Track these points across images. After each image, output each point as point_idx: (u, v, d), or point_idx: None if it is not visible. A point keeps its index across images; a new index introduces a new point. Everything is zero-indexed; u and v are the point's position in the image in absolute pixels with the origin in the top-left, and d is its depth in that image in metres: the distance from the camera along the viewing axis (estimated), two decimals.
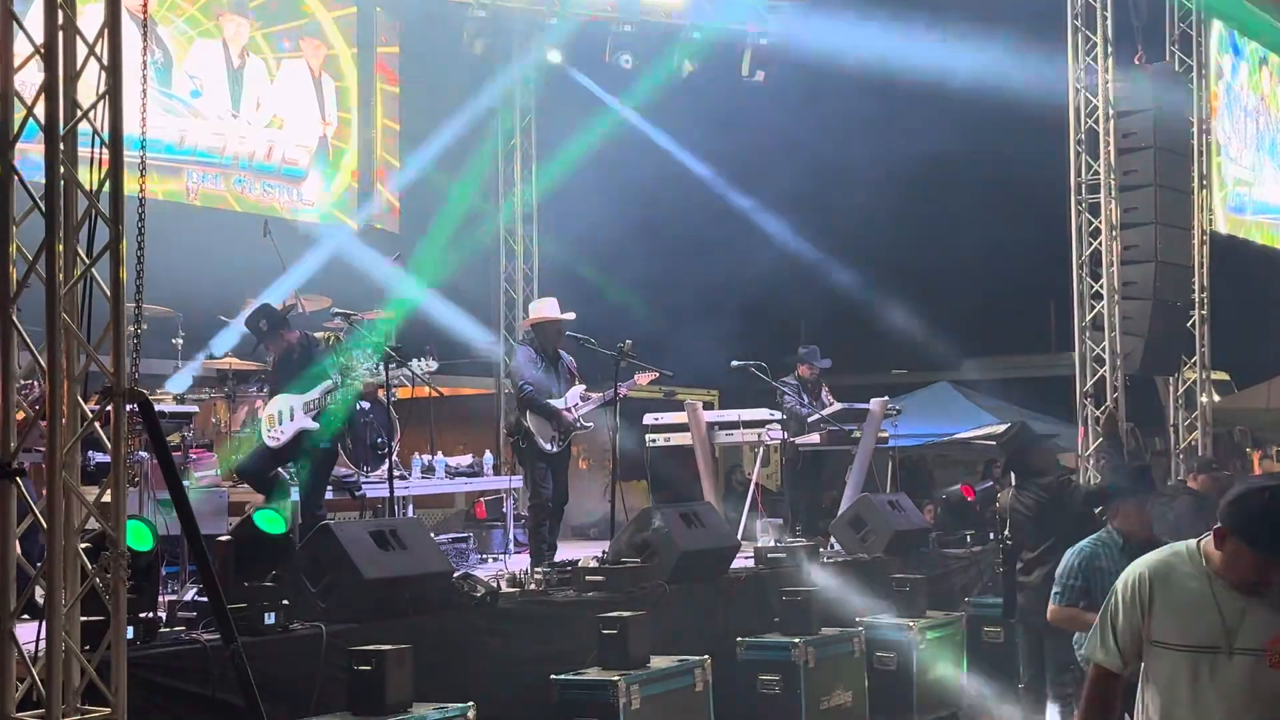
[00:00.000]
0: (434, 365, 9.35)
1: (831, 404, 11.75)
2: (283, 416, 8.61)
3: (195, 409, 8.66)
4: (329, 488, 9.62)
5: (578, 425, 9.55)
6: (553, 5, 14.49)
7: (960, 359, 19.78)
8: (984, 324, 14.33)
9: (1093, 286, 13.05)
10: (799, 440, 11.38)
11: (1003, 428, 12.37)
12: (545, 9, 14.51)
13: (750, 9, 14.31)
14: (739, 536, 9.81)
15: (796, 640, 7.96)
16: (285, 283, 10.40)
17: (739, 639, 8.09)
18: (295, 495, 8.68)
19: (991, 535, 11.04)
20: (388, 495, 9.16)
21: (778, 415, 11.31)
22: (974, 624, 9.54)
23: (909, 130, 15.92)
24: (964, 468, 15.72)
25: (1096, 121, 13.00)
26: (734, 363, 11.39)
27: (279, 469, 8.70)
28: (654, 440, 11.72)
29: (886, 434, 11.85)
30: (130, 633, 5.07)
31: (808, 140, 15.24)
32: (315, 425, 8.66)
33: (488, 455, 11.64)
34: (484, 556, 10.56)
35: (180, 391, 9.69)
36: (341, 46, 14.32)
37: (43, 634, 4.66)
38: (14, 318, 4.68)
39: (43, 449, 5.63)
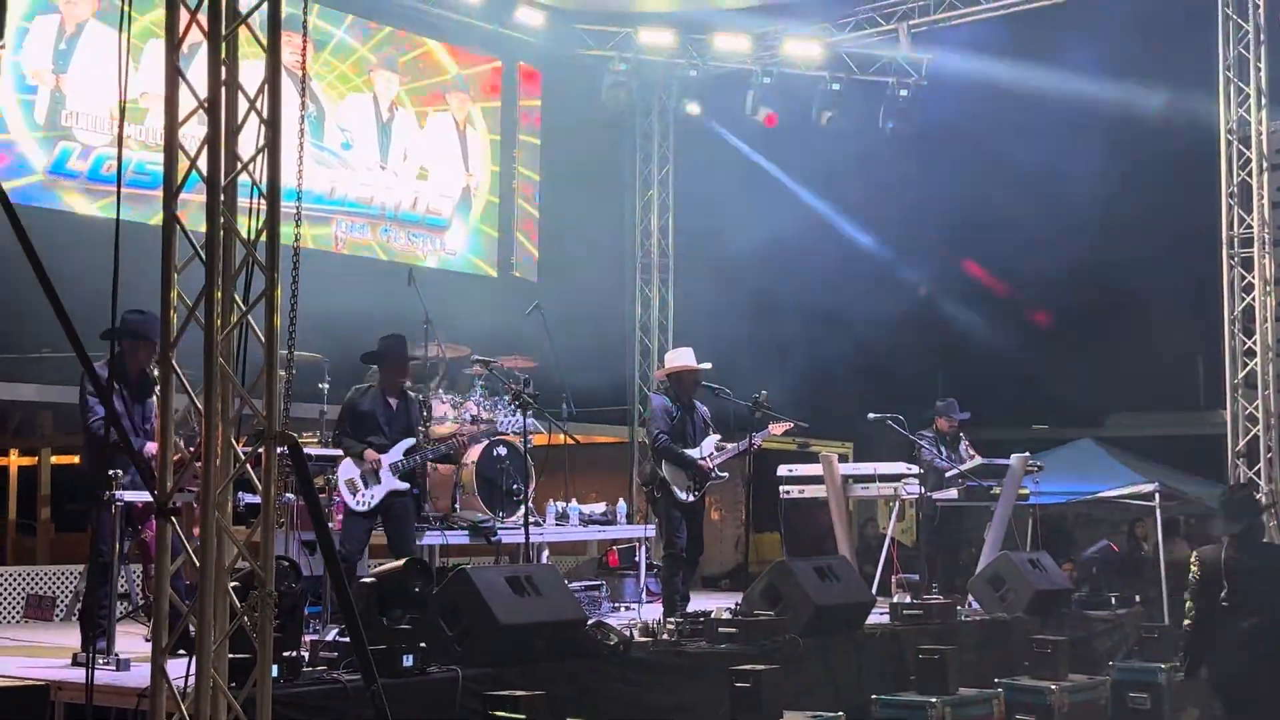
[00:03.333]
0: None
1: (973, 457, 11.53)
2: (366, 480, 8.56)
3: (340, 452, 8.83)
4: (465, 533, 9.76)
5: (713, 475, 9.53)
6: (692, 57, 14.63)
7: (1103, 415, 19.25)
8: (1129, 380, 13.96)
9: (1245, 343, 12.64)
10: (936, 495, 11.19)
11: (1149, 486, 12.06)
12: (685, 61, 14.67)
13: (890, 62, 14.27)
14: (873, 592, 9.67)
15: (933, 700, 7.80)
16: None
17: (874, 696, 7.96)
18: None
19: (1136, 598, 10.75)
20: (523, 541, 9.24)
21: (914, 469, 11.14)
22: (1119, 689, 9.23)
23: (1051, 180, 15.64)
24: (1107, 527, 15.27)
25: (1250, 174, 12.64)
26: (871, 415, 11.26)
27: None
28: (788, 492, 11.63)
29: (1027, 491, 11.58)
30: (275, 671, 5.18)
31: (947, 191, 15.09)
32: (405, 485, 8.63)
33: (621, 503, 11.67)
34: (616, 605, 10.57)
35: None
36: (485, 100, 14.64)
37: (192, 669, 4.80)
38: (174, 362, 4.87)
39: (194, 489, 5.83)
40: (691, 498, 9.40)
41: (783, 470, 11.65)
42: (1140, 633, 10.15)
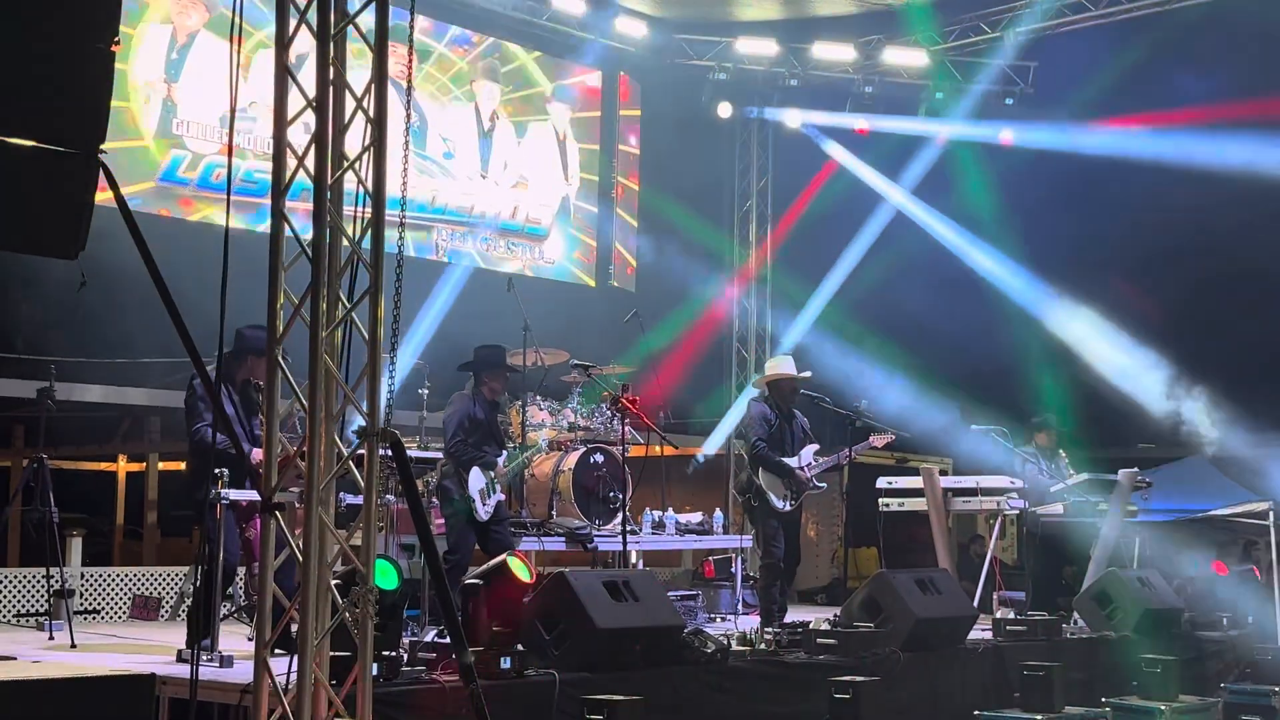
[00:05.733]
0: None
1: (1070, 474, 11.27)
2: (491, 489, 8.72)
3: (439, 455, 8.89)
4: (561, 540, 9.77)
5: (810, 485, 9.43)
6: (792, 67, 14.56)
7: (1215, 435, 18.68)
8: (1242, 399, 13.54)
9: None
10: (1040, 510, 10.95)
11: (1263, 505, 11.66)
12: (785, 70, 14.59)
13: (998, 70, 14.06)
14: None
15: (1038, 718, 7.61)
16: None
17: (976, 713, 7.78)
18: None
19: (1249, 619, 10.41)
20: (620, 549, 9.21)
21: (1018, 483, 10.91)
22: (1231, 711, 8.94)
23: (1164, 199, 15.24)
24: (1218, 548, 14.83)
25: None
26: (974, 427, 11.06)
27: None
28: (887, 505, 11.45)
29: (1135, 508, 11.28)
30: (374, 669, 5.20)
31: (1055, 205, 14.77)
32: (503, 496, 8.88)
33: (718, 514, 11.60)
34: (712, 616, 10.49)
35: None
36: (585, 110, 14.70)
37: (293, 666, 4.83)
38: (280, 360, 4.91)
39: (295, 489, 5.88)
40: (789, 506, 9.31)
41: (882, 483, 11.47)
42: (1253, 654, 9.83)
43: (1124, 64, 13.21)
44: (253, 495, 6.49)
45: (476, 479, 8.64)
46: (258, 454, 7.00)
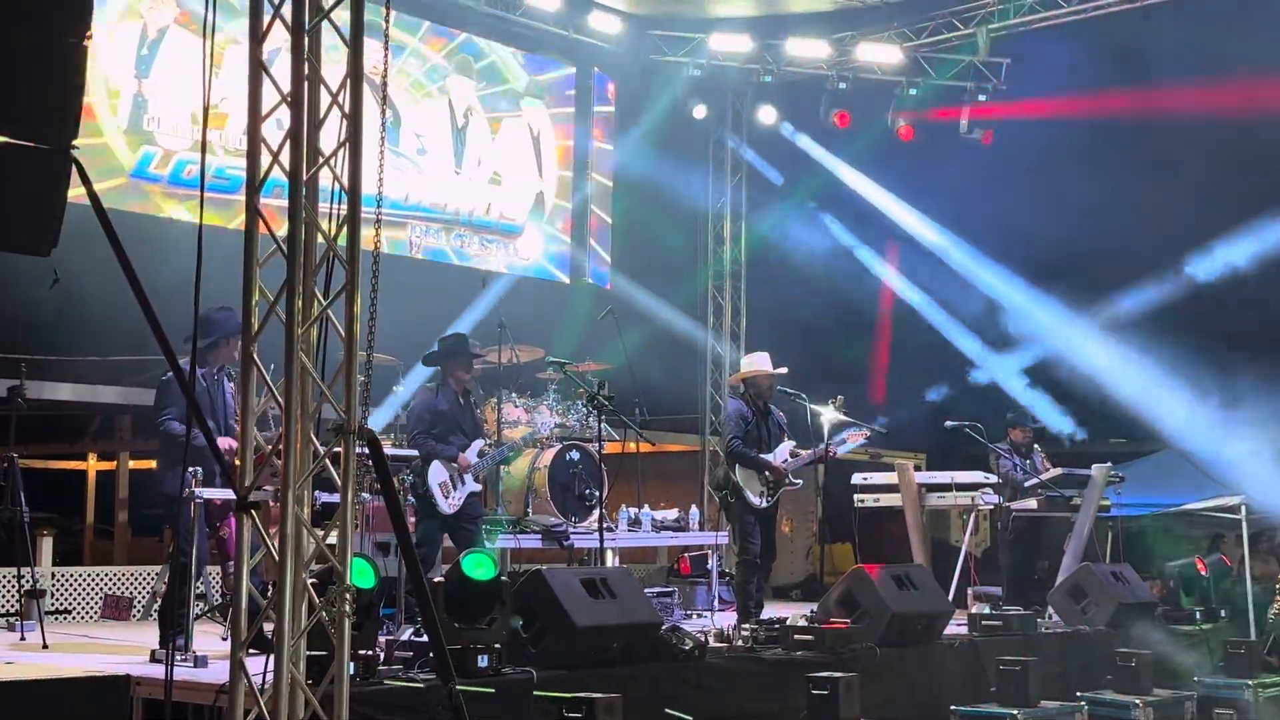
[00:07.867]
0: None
1: (1048, 469, 11.33)
2: (455, 482, 8.68)
3: (415, 452, 8.84)
4: (537, 537, 9.74)
5: (787, 481, 9.43)
6: (767, 63, 14.56)
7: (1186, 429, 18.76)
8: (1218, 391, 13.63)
9: None
10: (1014, 505, 11.00)
11: (1235, 499, 11.75)
12: (760, 66, 14.59)
13: (969, 66, 14.08)
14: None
15: (1015, 712, 7.65)
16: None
17: (953, 708, 7.83)
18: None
19: (1222, 613, 10.51)
20: (596, 546, 9.20)
21: (992, 478, 10.95)
22: (1205, 705, 9.01)
23: (1127, 189, 15.30)
24: (1188, 542, 14.92)
25: None
26: (948, 423, 11.10)
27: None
28: (862, 500, 11.48)
29: (1109, 502, 11.34)
30: (351, 668, 5.16)
31: (1027, 199, 14.80)
32: (479, 487, 8.82)
33: (694, 510, 11.59)
34: (688, 612, 10.49)
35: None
36: (560, 106, 14.66)
37: (269, 666, 4.79)
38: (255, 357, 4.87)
39: (270, 487, 5.84)
40: (765, 503, 9.30)
41: (857, 478, 11.49)
42: (1226, 647, 9.90)
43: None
44: (227, 494, 6.44)
45: (436, 472, 8.63)
46: (226, 441, 6.95)
